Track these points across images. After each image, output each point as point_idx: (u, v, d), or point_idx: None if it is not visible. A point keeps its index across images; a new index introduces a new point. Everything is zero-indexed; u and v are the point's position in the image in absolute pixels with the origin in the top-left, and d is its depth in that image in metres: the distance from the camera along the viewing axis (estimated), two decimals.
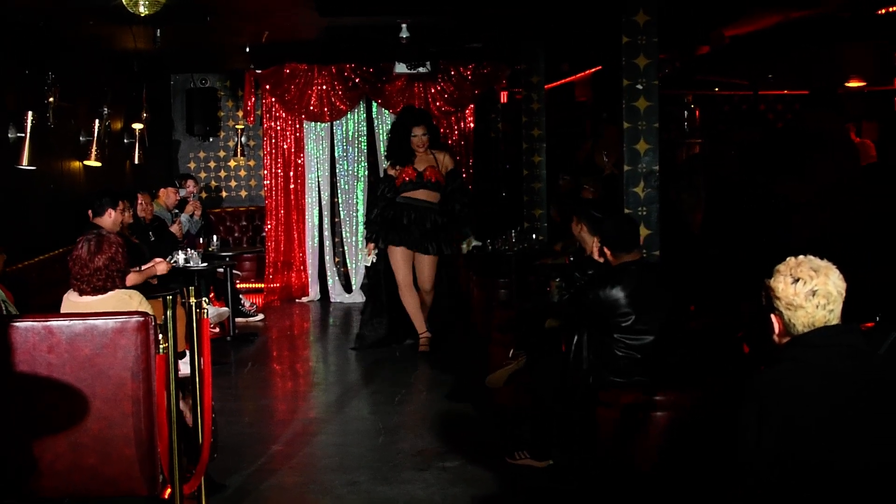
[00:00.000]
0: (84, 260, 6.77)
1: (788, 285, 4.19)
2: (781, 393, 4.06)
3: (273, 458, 8.02)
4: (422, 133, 11.87)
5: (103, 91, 13.13)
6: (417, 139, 11.85)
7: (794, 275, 4.20)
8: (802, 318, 4.18)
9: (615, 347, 7.08)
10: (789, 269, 4.23)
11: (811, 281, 4.17)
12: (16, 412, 5.93)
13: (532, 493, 7.26)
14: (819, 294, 4.16)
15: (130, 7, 8.22)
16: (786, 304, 4.20)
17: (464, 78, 15.87)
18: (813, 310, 4.16)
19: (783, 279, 4.21)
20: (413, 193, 11.91)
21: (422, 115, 12.40)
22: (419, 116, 12.20)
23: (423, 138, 11.87)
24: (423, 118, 12.17)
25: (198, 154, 17.48)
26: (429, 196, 11.95)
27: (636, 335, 7.08)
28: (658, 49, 8.64)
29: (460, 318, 13.08)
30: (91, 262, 6.75)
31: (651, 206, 8.57)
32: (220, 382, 10.03)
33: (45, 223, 11.25)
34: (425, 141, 11.89)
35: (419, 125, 11.92)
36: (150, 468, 5.99)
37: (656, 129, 8.60)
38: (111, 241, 6.84)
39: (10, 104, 10.20)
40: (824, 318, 4.17)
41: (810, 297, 4.16)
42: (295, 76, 15.70)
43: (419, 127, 11.90)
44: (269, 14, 11.12)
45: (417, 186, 11.88)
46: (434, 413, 9.24)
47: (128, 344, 5.86)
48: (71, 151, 12.22)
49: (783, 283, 4.21)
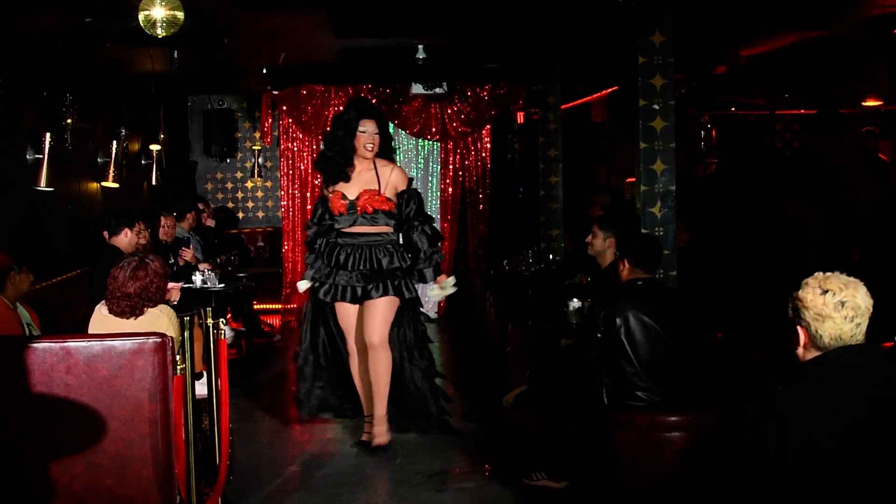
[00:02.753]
0: (119, 282, 6.83)
1: (817, 296, 4.19)
2: (802, 410, 4.06)
3: (290, 480, 8.02)
4: (373, 130, 8.72)
5: (121, 112, 13.19)
6: (367, 136, 8.68)
7: (824, 286, 4.20)
8: (830, 330, 4.17)
9: (627, 367, 7.06)
10: (818, 281, 4.24)
11: (840, 293, 4.17)
12: (33, 433, 5.95)
13: None
14: (847, 306, 4.16)
15: (148, 29, 8.26)
16: (814, 315, 4.19)
17: (480, 98, 15.88)
18: (841, 321, 4.16)
19: (812, 290, 4.21)
20: (347, 228, 8.78)
21: (375, 108, 9.11)
22: (372, 109, 8.98)
23: (374, 137, 8.72)
24: (375, 112, 8.95)
25: (215, 175, 17.54)
26: (371, 228, 8.78)
27: (646, 353, 7.06)
28: (674, 69, 8.64)
29: (477, 337, 13.04)
30: (124, 286, 6.81)
31: (668, 226, 8.56)
32: (237, 403, 10.03)
33: (63, 244, 11.29)
34: (376, 141, 8.74)
35: (370, 118, 8.77)
36: (167, 489, 5.99)
37: (673, 149, 8.60)
38: (149, 269, 6.88)
39: (28, 125, 10.24)
40: (851, 332, 4.17)
41: (839, 307, 4.16)
42: (312, 97, 15.72)
43: (370, 121, 8.74)
44: (286, 36, 11.16)
45: (349, 221, 8.73)
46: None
47: (145, 365, 5.88)
48: (89, 173, 12.26)
49: (812, 294, 4.20)
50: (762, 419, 4.12)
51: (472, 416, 9.74)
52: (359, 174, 8.74)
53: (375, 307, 8.65)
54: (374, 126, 8.72)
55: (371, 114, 8.80)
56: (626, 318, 7.02)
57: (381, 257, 8.69)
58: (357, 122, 8.68)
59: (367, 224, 8.69)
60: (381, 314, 8.67)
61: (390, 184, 8.75)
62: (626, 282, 7.36)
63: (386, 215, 8.70)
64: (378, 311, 8.65)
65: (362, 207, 8.62)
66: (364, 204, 8.61)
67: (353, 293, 8.67)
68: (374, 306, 8.65)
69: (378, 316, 8.66)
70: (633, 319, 7.02)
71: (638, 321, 7.02)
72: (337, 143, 8.73)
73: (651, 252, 7.48)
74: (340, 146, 8.71)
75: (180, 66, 11.61)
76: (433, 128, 15.91)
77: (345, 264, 8.69)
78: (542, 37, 12.03)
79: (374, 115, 8.80)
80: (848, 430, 4.03)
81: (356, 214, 8.65)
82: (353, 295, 8.68)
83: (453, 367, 12.33)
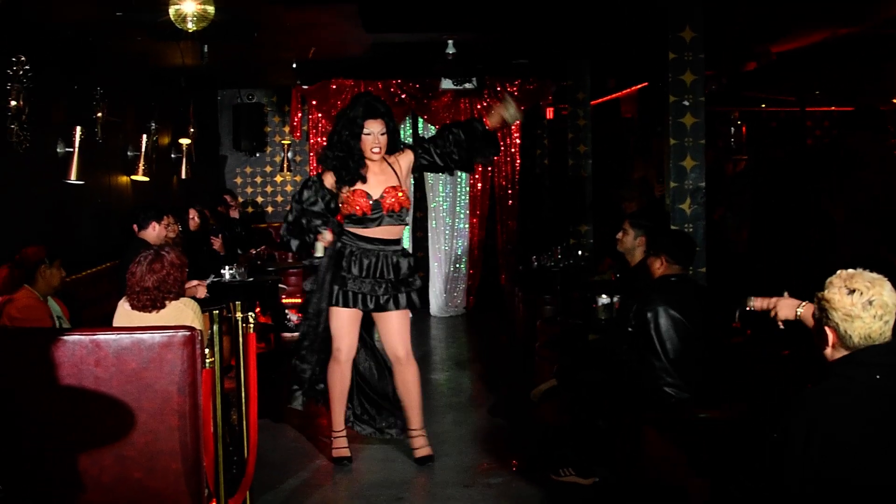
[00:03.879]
0: (136, 277, 6.85)
1: (844, 296, 4.17)
2: (829, 408, 4.04)
3: (317, 473, 8.03)
4: (378, 131, 8.08)
5: (151, 106, 13.22)
6: (372, 139, 8.05)
7: (850, 286, 4.17)
8: (859, 330, 4.15)
9: (656, 362, 7.04)
10: (843, 280, 4.21)
11: (867, 292, 4.15)
12: (63, 425, 5.97)
13: None
14: (876, 304, 4.14)
15: (178, 23, 8.26)
16: (843, 316, 4.17)
17: (510, 94, 15.85)
18: (870, 320, 4.14)
19: (838, 291, 4.19)
20: (367, 231, 8.14)
21: (382, 105, 8.26)
22: (378, 107, 8.18)
23: (380, 139, 8.08)
24: (382, 110, 8.19)
25: (244, 169, 17.56)
26: (389, 233, 8.20)
27: (675, 349, 7.04)
28: (704, 65, 8.63)
29: (505, 332, 13.03)
30: (142, 280, 6.84)
31: (697, 222, 8.55)
32: (265, 397, 10.06)
33: (93, 237, 11.31)
34: (382, 143, 8.10)
35: (376, 118, 8.09)
36: (195, 482, 6.01)
37: (703, 145, 8.59)
38: (165, 262, 6.90)
39: (58, 119, 10.27)
40: (880, 330, 4.15)
41: (867, 307, 4.14)
42: (341, 92, 15.72)
43: (376, 121, 8.08)
44: (315, 30, 11.16)
45: (375, 221, 8.11)
46: (478, 429, 9.22)
47: (174, 358, 5.89)
48: (119, 166, 12.29)
49: (839, 295, 4.18)
50: (789, 417, 4.11)
51: (500, 412, 9.74)
52: (375, 171, 8.16)
53: (390, 321, 8.26)
54: (381, 126, 8.08)
55: (377, 113, 8.10)
56: (656, 313, 7.02)
57: (393, 265, 8.18)
58: (362, 124, 8.04)
59: (395, 223, 8.17)
60: (404, 326, 8.30)
61: (402, 172, 8.25)
62: (660, 278, 7.35)
63: (407, 213, 8.26)
64: (399, 325, 8.28)
65: (390, 207, 8.07)
66: (392, 204, 8.08)
67: (364, 301, 8.15)
68: (390, 320, 8.26)
69: (400, 329, 8.28)
70: (664, 315, 7.02)
71: (668, 317, 7.01)
72: (342, 146, 8.09)
73: (687, 249, 7.48)
74: (346, 149, 8.08)
75: (210, 61, 11.63)
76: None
77: (358, 270, 8.11)
78: (571, 32, 12.00)
79: (380, 114, 8.11)
80: (876, 429, 4.02)
81: (382, 214, 8.07)
82: (364, 303, 8.16)
83: (481, 362, 12.34)
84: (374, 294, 8.11)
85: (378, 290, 8.11)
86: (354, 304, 8.15)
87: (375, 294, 8.11)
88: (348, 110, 8.17)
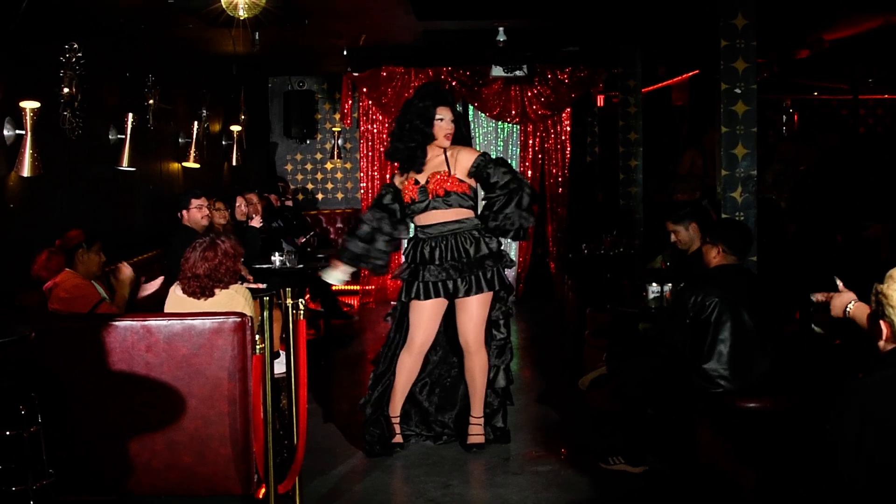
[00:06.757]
0: (189, 263, 6.93)
1: None
2: (883, 398, 4.01)
3: (366, 460, 8.03)
4: (450, 117, 8.11)
5: (202, 93, 13.28)
6: (445, 124, 8.07)
7: None
8: None
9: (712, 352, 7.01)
10: None
11: None
12: (114, 410, 6.02)
13: (627, 499, 7.17)
14: None
15: (230, 10, 8.30)
16: None
17: (560, 81, 15.80)
18: None
19: None
20: (423, 218, 8.13)
21: (449, 93, 8.45)
22: (447, 95, 8.32)
23: (452, 125, 8.10)
24: (450, 98, 8.32)
25: (294, 156, 17.61)
26: (447, 215, 8.07)
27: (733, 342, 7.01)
28: (756, 53, 8.56)
29: (555, 320, 13.01)
30: (194, 267, 6.90)
31: (748, 210, 8.49)
32: (314, 383, 10.09)
33: (144, 224, 11.39)
34: (453, 130, 8.12)
35: (446, 105, 8.16)
36: (245, 468, 6.05)
37: (754, 133, 8.53)
38: (219, 251, 6.96)
39: (110, 105, 10.33)
40: None
41: None
42: (392, 79, 15.71)
43: (446, 108, 8.13)
44: (366, 17, 11.17)
45: (423, 207, 8.09)
46: (527, 416, 9.20)
47: (224, 344, 5.93)
48: (170, 153, 12.35)
49: None
50: (842, 406, 4.08)
51: (549, 399, 9.72)
52: (429, 161, 8.10)
53: (469, 307, 8.07)
54: (451, 113, 8.10)
55: (447, 101, 8.18)
56: (715, 304, 6.97)
57: (468, 246, 8.01)
58: (434, 110, 8.05)
59: (442, 207, 8.01)
60: (478, 315, 8.10)
61: (459, 164, 8.05)
62: (716, 267, 7.31)
63: (460, 197, 8.03)
64: (473, 312, 8.08)
65: (433, 191, 7.99)
66: (435, 187, 7.99)
67: (445, 288, 8.01)
68: (468, 307, 8.07)
69: (474, 317, 8.08)
70: (723, 306, 6.97)
71: (727, 308, 6.97)
72: (417, 133, 8.04)
73: (745, 240, 7.44)
74: (420, 136, 8.05)
75: (261, 48, 11.67)
76: (513, 110, 15.86)
77: (430, 258, 8.01)
78: (622, 19, 11.96)
79: (449, 102, 8.19)
80: None
81: (427, 199, 8.01)
82: (445, 290, 8.02)
83: (531, 349, 12.33)
84: (452, 279, 7.99)
85: (454, 274, 7.99)
86: (436, 294, 8.05)
87: (453, 279, 7.98)
88: (417, 100, 8.17)
